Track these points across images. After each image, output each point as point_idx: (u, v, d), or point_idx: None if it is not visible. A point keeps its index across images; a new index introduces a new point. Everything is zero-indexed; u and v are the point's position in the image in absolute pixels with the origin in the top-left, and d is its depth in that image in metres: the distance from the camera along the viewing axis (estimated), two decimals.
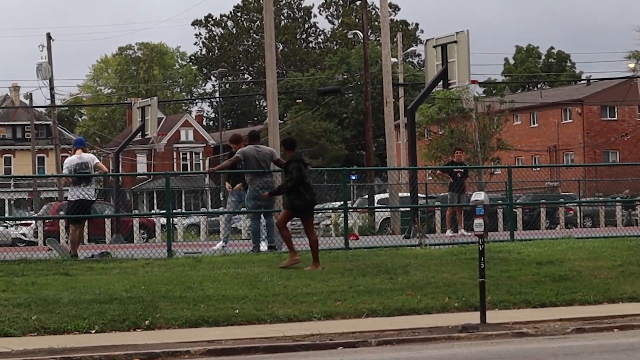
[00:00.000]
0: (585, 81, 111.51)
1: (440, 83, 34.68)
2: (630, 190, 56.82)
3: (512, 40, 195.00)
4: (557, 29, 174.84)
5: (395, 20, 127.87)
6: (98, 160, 28.50)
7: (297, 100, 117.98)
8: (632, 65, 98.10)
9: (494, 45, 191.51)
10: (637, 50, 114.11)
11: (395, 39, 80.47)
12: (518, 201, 45.79)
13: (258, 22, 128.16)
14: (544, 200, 50.18)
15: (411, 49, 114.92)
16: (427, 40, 36.94)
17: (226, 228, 29.96)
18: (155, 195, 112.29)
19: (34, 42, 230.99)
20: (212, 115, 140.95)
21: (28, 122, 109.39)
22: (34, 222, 48.12)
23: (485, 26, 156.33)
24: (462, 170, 36.28)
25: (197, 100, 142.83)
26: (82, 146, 28.18)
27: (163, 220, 38.06)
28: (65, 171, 28.29)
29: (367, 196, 58.48)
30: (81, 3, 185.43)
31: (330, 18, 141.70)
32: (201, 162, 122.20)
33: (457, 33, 34.01)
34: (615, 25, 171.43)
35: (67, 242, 29.10)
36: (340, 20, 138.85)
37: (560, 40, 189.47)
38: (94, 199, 27.77)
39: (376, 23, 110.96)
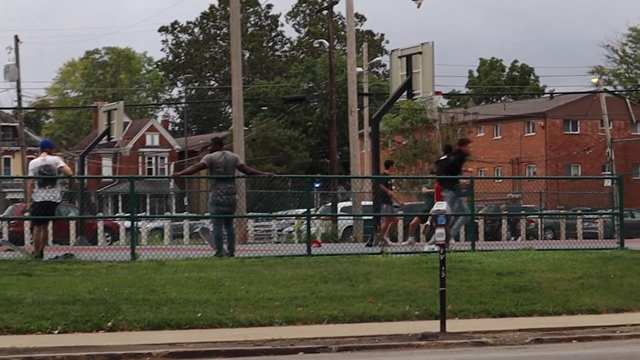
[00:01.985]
0: (548, 95, 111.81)
1: (405, 93, 34.72)
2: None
3: (477, 53, 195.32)
4: (522, 42, 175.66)
5: (361, 30, 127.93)
6: (63, 164, 28.38)
7: (263, 108, 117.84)
8: (595, 80, 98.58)
9: (459, 58, 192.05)
10: (600, 66, 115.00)
11: (360, 49, 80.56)
12: (480, 212, 45.85)
13: (225, 29, 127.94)
14: (505, 212, 50.36)
15: (376, 59, 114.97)
16: (393, 50, 36.98)
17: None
18: (120, 198, 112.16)
19: (2, 44, 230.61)
20: (178, 121, 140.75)
21: None
22: None
23: (450, 38, 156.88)
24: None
25: (163, 106, 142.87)
26: (48, 148, 28.07)
27: (127, 223, 37.98)
28: (30, 173, 28.20)
29: (330, 204, 58.56)
30: (52, 7, 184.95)
31: (296, 27, 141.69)
32: (166, 166, 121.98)
33: (422, 44, 34.07)
34: (581, 41, 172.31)
35: (31, 244, 28.99)
36: (306, 29, 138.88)
37: (525, 54, 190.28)
38: (59, 201, 27.68)
39: (342, 33, 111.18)
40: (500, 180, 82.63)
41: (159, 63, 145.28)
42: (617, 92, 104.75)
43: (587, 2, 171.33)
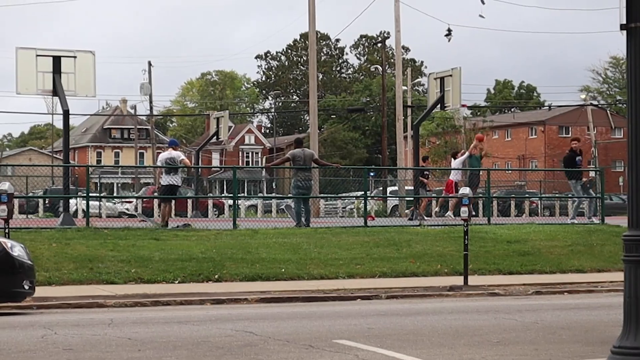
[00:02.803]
0: (547, 107, 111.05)
1: (439, 106, 34.54)
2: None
3: (493, 75, 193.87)
4: (528, 66, 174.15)
5: (406, 58, 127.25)
6: (183, 157, 28.55)
7: (332, 116, 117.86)
8: (583, 96, 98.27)
9: (480, 79, 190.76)
10: (588, 85, 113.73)
11: (405, 72, 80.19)
12: (494, 195, 45.55)
13: (304, 57, 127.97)
14: (513, 195, 49.95)
15: (417, 80, 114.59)
16: (430, 73, 36.76)
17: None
18: (225, 183, 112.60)
19: (138, 67, 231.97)
20: (269, 125, 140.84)
21: (132, 127, 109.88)
22: (135, 200, 48.23)
23: (474, 63, 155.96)
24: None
25: (257, 114, 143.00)
26: (173, 145, 28.29)
27: (230, 201, 38.10)
28: (158, 164, 28.36)
29: (381, 188, 58.36)
30: (177, 38, 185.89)
31: (358, 56, 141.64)
32: (259, 159, 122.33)
33: (452, 69, 33.82)
34: (573, 65, 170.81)
35: (159, 216, 29.16)
36: (365, 57, 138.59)
37: (530, 76, 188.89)
38: (179, 184, 27.84)
39: (392, 60, 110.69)
40: (510, 172, 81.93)
41: (255, 82, 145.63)
42: (600, 106, 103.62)
43: (579, 35, 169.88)
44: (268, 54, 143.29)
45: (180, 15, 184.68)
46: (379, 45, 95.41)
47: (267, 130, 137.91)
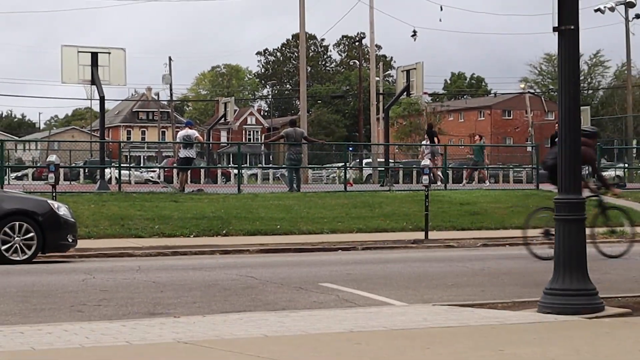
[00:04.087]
0: (493, 94, 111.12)
1: (405, 93, 34.47)
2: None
3: (449, 68, 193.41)
4: (479, 60, 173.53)
5: (378, 54, 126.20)
6: (198, 134, 28.46)
7: (318, 101, 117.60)
8: (522, 86, 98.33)
9: (439, 70, 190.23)
10: (526, 77, 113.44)
11: (378, 66, 79.93)
12: (450, 166, 45.49)
13: (296, 53, 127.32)
14: (465, 166, 49.92)
15: (388, 72, 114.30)
16: (398, 67, 36.77)
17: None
18: (231, 156, 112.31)
19: (161, 61, 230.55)
20: (267, 109, 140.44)
21: (156, 110, 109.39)
22: (158, 170, 48.09)
23: (434, 57, 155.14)
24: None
25: (257, 100, 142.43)
26: (189, 125, 28.25)
27: (235, 171, 38.04)
28: (177, 140, 28.26)
29: (358, 160, 58.36)
30: (193, 36, 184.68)
31: (339, 52, 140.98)
32: (259, 137, 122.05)
33: (416, 63, 33.72)
34: (516, 59, 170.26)
35: (177, 182, 29.08)
36: (345, 54, 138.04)
37: (480, 68, 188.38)
38: (194, 157, 27.78)
39: (367, 56, 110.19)
40: (462, 146, 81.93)
41: (256, 74, 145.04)
42: (536, 93, 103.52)
43: (521, 36, 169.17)
44: (266, 51, 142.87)
45: (196, 18, 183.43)
46: (357, 43, 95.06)
47: (266, 113, 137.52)
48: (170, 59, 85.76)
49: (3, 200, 14.85)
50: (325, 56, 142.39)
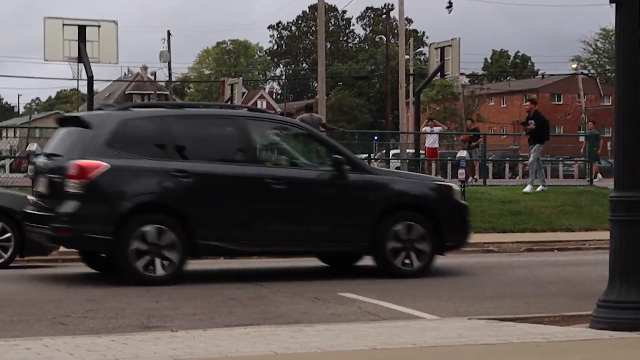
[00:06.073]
0: (540, 76, 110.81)
1: (439, 74, 34.43)
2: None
3: (491, 45, 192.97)
4: (524, 37, 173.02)
5: (408, 29, 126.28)
6: None
7: (339, 83, 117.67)
8: (574, 66, 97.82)
9: (478, 48, 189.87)
10: (579, 55, 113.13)
11: (408, 43, 79.78)
12: (490, 158, 45.37)
13: (313, 27, 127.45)
14: (508, 158, 49.76)
15: (419, 49, 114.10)
16: (431, 44, 36.72)
17: None
18: None
19: (158, 36, 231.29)
20: (280, 91, 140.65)
21: (152, 92, 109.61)
22: None
23: (472, 33, 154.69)
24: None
25: (269, 81, 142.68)
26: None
27: None
28: None
29: (384, 151, 58.38)
30: (195, 8, 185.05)
31: (364, 27, 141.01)
32: None
33: (452, 39, 33.67)
34: (566, 36, 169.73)
35: None
36: (370, 28, 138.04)
37: (525, 46, 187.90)
38: None
39: (395, 31, 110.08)
40: (505, 136, 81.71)
41: (267, 51, 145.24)
42: (590, 75, 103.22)
43: (573, 8, 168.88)
44: (280, 24, 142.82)
45: None
46: (384, 16, 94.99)
47: (278, 96, 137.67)
48: (169, 33, 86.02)
49: None
50: (347, 31, 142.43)
